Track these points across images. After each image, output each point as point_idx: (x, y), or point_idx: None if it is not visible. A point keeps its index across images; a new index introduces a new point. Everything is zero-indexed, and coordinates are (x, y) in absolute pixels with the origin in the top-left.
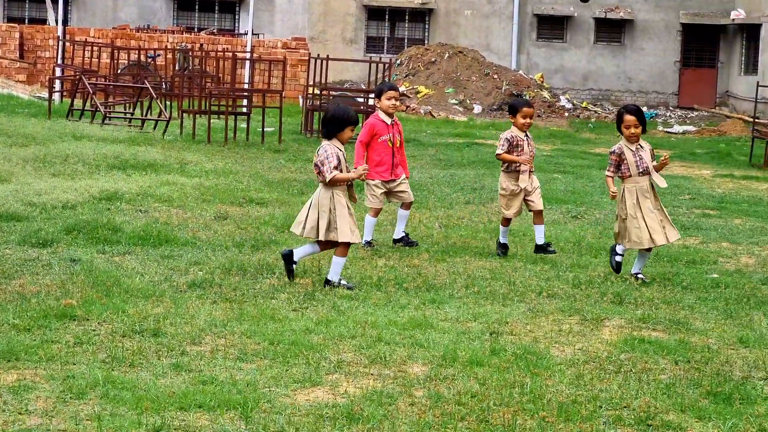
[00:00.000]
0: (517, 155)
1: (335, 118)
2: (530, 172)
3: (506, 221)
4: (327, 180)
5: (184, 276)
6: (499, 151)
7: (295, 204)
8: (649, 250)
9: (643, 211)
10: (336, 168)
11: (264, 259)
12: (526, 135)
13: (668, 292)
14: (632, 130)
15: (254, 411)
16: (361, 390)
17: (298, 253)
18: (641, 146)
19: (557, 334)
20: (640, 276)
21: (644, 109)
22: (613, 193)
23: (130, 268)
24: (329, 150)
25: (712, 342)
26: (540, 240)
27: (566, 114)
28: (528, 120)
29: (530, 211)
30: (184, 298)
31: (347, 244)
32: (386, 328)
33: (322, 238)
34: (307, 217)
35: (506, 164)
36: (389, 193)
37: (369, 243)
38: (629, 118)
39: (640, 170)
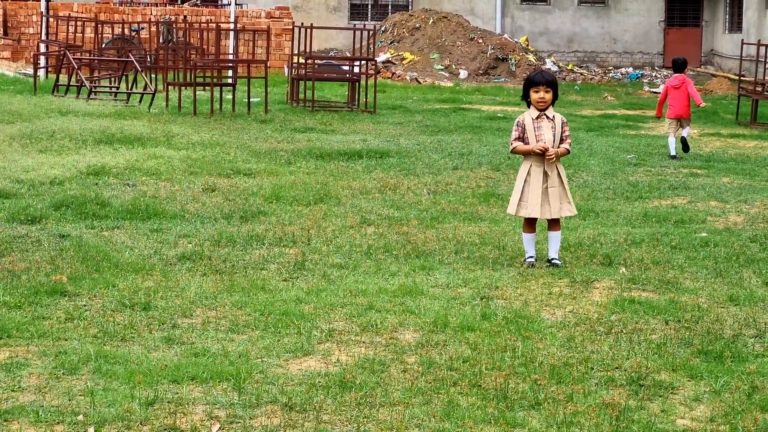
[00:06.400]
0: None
1: None
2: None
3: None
4: None
5: (173, 249)
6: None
7: (283, 174)
8: (552, 228)
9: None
10: None
11: (253, 230)
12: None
13: (657, 252)
14: (541, 95)
15: (247, 382)
16: (353, 358)
17: None
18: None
19: (547, 297)
20: (554, 260)
21: (629, 69)
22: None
23: (119, 243)
24: None
25: (702, 301)
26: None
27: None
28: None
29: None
30: (174, 271)
31: None
32: (377, 295)
33: None
34: None
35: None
36: None
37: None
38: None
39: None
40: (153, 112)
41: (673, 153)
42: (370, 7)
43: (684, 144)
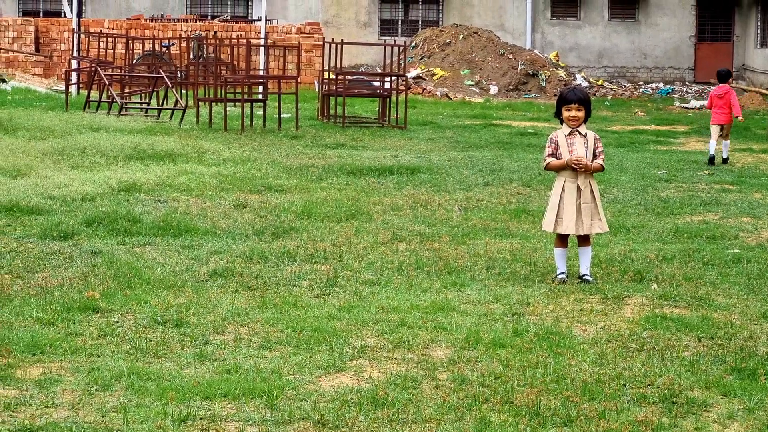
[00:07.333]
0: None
1: None
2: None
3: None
4: None
5: (205, 265)
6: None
7: (314, 190)
8: (582, 244)
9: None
10: None
11: (285, 246)
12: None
13: (689, 268)
14: (573, 113)
15: (279, 398)
16: (385, 374)
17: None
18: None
19: (579, 314)
20: (585, 277)
21: (660, 85)
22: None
23: (151, 259)
24: None
25: (735, 318)
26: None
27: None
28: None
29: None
30: (206, 288)
31: None
32: (408, 312)
33: None
34: None
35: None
36: None
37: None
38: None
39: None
40: (184, 128)
41: (712, 152)
42: (400, 22)
43: (723, 161)
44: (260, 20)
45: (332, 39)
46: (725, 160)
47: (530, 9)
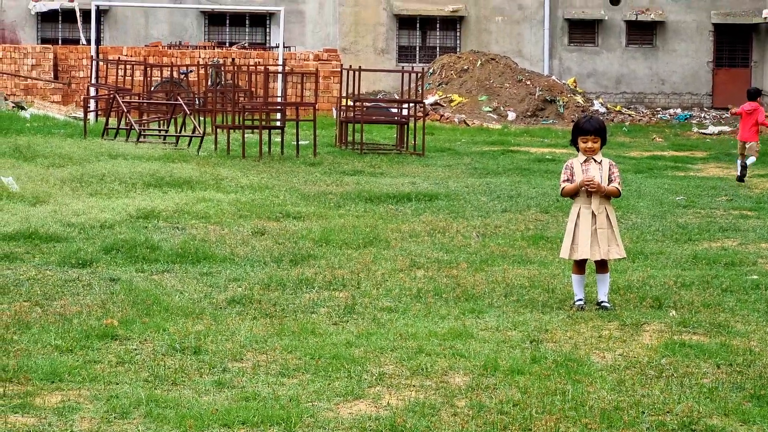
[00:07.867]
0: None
1: None
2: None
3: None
4: None
5: (223, 293)
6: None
7: (333, 217)
8: (600, 270)
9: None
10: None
11: (303, 273)
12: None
13: (708, 295)
14: (589, 145)
15: (298, 426)
16: (403, 402)
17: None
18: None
19: (597, 341)
20: (603, 303)
21: (678, 111)
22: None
23: (170, 286)
24: None
25: (754, 344)
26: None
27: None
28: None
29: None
30: (224, 315)
31: None
32: (427, 339)
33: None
34: None
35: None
36: None
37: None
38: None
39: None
40: (202, 155)
41: (738, 171)
42: (418, 49)
43: (743, 170)
44: (278, 47)
45: (350, 66)
46: (743, 174)
47: (548, 35)
